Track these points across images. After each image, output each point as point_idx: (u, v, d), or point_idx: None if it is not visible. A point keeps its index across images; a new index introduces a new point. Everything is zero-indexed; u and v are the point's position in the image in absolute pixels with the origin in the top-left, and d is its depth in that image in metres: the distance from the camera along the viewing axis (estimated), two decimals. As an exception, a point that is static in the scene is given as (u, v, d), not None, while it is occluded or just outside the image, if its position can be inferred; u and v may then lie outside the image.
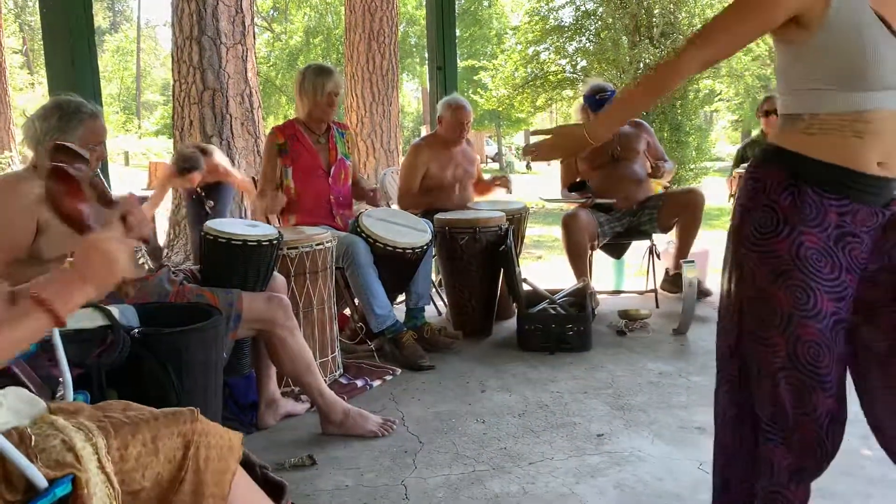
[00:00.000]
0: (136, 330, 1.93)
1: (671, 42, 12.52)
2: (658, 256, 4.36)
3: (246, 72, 5.27)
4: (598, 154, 4.14)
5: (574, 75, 14.63)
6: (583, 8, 14.48)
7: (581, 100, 4.32)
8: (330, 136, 3.50)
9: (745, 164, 4.28)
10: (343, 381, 3.07)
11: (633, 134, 4.28)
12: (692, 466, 2.20)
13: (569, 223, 4.07)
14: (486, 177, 4.45)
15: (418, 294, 3.54)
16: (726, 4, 1.47)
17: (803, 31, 1.40)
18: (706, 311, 3.91)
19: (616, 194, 4.15)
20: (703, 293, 4.13)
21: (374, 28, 7.46)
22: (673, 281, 4.26)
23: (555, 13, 14.97)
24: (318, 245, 2.94)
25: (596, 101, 4.08)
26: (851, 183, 1.40)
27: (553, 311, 3.63)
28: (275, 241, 2.59)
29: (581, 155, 4.18)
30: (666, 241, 4.47)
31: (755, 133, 4.70)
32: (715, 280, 4.63)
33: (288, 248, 2.85)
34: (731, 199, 4.20)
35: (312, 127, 3.46)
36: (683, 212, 4.10)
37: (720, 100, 20.05)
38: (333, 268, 3.11)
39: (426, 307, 3.63)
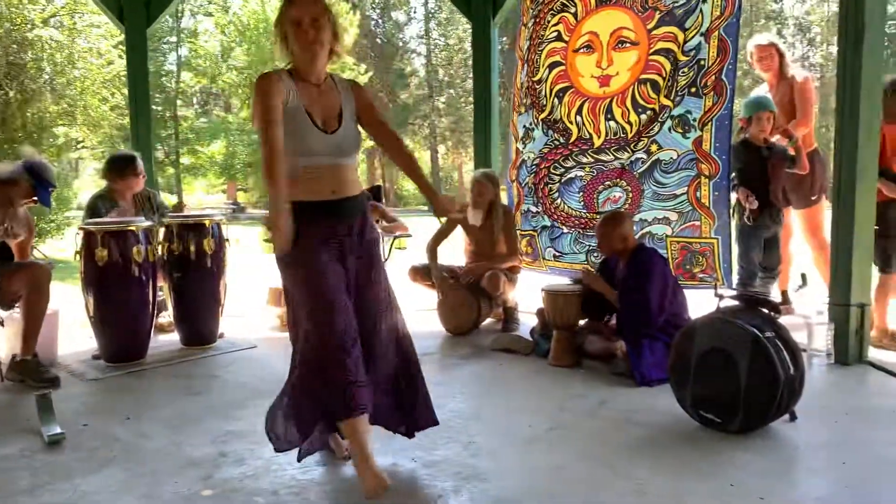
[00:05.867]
0: None
1: (17, 83, 11.58)
2: (1, 324, 3.96)
3: None
4: None
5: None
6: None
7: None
8: None
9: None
10: None
11: None
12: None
13: None
14: None
15: None
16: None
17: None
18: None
19: None
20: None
21: None
22: (20, 370, 3.79)
23: None
24: None
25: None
26: None
27: None
28: None
29: None
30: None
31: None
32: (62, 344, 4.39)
33: None
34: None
35: None
36: (26, 289, 3.78)
37: (84, 147, 19.40)
38: None
39: None
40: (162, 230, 4.46)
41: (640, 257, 3.97)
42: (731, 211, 4.53)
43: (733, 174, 4.48)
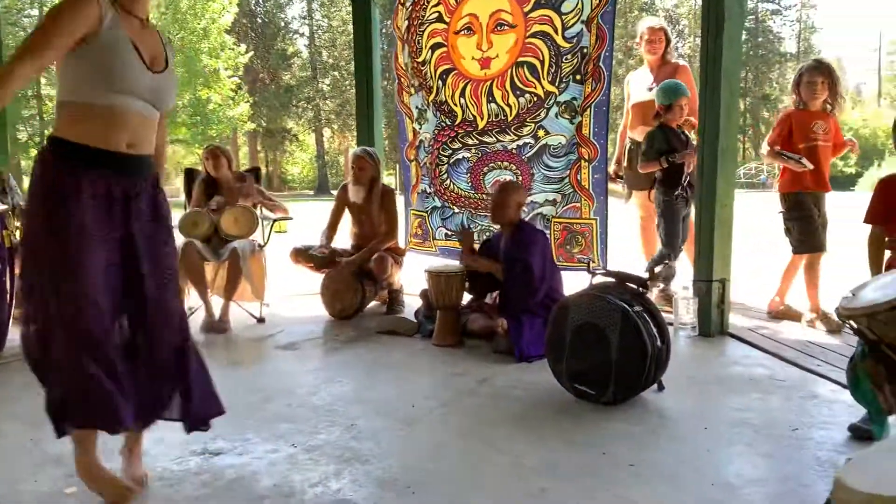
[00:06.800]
0: None
1: None
2: None
3: None
4: None
5: None
6: None
7: None
8: None
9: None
10: None
11: None
12: None
13: None
14: None
15: None
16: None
17: (84, 46, 1.98)
18: None
19: None
20: None
21: None
22: None
23: None
24: None
25: None
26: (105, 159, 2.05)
27: None
28: None
29: None
30: None
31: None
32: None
33: None
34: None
35: None
36: None
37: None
38: None
39: None
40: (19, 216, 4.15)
41: (522, 229, 4.09)
42: (649, 191, 4.75)
43: (662, 156, 4.62)
